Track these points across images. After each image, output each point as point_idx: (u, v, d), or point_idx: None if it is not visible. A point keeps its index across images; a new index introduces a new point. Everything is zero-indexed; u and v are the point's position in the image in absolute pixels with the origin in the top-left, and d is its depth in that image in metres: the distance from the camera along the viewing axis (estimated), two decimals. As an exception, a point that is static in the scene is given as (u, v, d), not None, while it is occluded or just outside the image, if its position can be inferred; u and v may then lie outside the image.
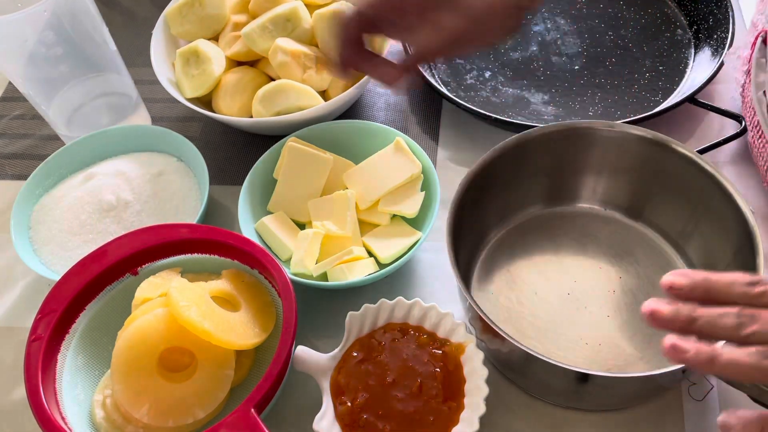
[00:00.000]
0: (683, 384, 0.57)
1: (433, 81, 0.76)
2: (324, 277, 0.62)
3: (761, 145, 0.61)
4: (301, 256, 0.61)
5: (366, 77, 0.71)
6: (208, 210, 0.69)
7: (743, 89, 0.66)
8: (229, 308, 0.57)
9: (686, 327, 0.39)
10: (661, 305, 0.40)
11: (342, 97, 0.70)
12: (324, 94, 0.73)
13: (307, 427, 0.52)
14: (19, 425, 0.59)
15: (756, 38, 0.61)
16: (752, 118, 0.64)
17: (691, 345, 0.38)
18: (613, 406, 0.56)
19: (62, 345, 0.56)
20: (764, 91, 0.59)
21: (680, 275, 0.41)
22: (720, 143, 0.67)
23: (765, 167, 0.62)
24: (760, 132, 0.61)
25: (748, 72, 0.64)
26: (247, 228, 0.64)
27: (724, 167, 0.69)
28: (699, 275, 0.40)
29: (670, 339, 0.39)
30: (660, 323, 0.40)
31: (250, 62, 0.75)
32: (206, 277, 0.61)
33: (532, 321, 0.60)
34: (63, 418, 0.53)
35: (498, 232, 0.65)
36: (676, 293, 0.40)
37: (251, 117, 0.71)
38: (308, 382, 0.56)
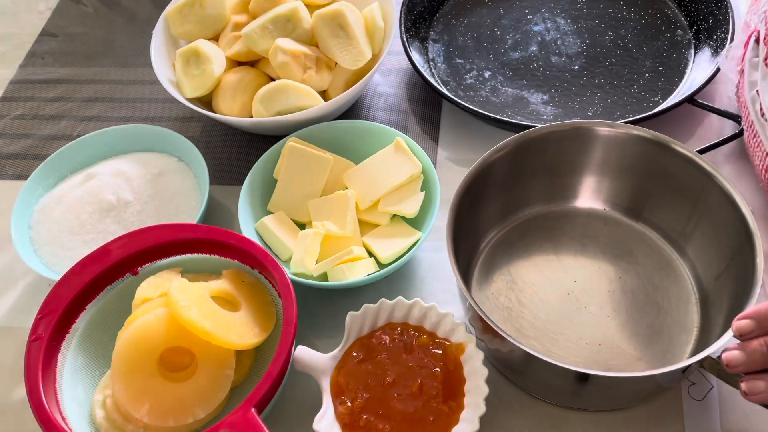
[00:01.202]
0: (683, 384, 0.57)
1: (433, 81, 0.76)
2: (324, 277, 0.62)
3: (756, 145, 0.61)
4: (301, 256, 0.61)
5: (366, 77, 0.71)
6: (208, 210, 0.69)
7: (738, 89, 0.66)
8: (229, 308, 0.57)
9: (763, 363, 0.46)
10: (734, 354, 0.47)
11: (342, 97, 0.70)
12: (324, 94, 0.73)
13: (307, 427, 0.52)
14: (20, 425, 0.59)
15: (749, 37, 0.61)
16: (747, 117, 0.64)
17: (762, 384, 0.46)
18: (613, 406, 0.56)
19: (62, 345, 0.56)
20: (757, 90, 0.59)
21: (745, 318, 0.47)
22: (719, 143, 0.67)
23: (760, 167, 0.62)
24: (754, 131, 0.61)
25: (741, 71, 0.64)
26: (247, 228, 0.64)
27: (723, 167, 0.69)
28: (761, 311, 0.46)
29: (744, 386, 0.47)
30: (738, 370, 0.47)
31: (251, 62, 0.75)
32: (206, 277, 0.61)
33: (532, 321, 0.60)
34: (63, 418, 0.53)
35: (498, 232, 0.65)
36: (747, 337, 0.47)
37: (251, 117, 0.71)
38: (308, 382, 0.56)
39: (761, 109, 0.59)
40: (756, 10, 0.61)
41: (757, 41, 0.59)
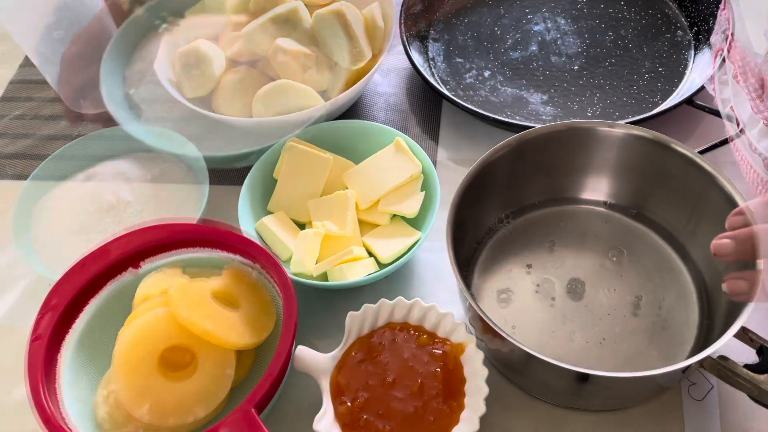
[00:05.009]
0: (683, 384, 0.57)
1: (432, 81, 0.76)
2: (324, 277, 0.62)
3: (741, 158, 0.62)
4: (301, 256, 0.61)
5: (366, 77, 0.71)
6: (208, 210, 0.69)
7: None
8: (229, 307, 0.57)
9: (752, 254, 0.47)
10: (724, 242, 0.48)
11: (342, 97, 0.70)
12: (324, 94, 0.73)
13: (307, 427, 0.52)
14: (20, 425, 0.59)
15: (715, 57, 0.62)
16: (729, 134, 0.64)
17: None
18: (613, 406, 0.56)
19: (63, 344, 0.56)
20: (731, 107, 0.60)
21: (725, 239, 0.48)
22: (719, 144, 0.67)
23: (748, 178, 0.62)
24: (737, 146, 0.61)
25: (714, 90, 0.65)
26: (247, 228, 0.64)
27: (724, 167, 0.69)
28: (740, 234, 0.48)
29: (726, 286, 0.49)
30: (727, 258, 0.49)
31: (251, 62, 0.75)
32: (207, 275, 0.61)
33: (533, 321, 0.60)
34: (64, 418, 0.53)
35: (498, 232, 0.65)
36: (725, 258, 0.48)
37: (251, 117, 0.71)
38: (308, 382, 0.56)
39: (738, 123, 0.59)
40: (717, 30, 0.62)
41: (723, 60, 0.61)
